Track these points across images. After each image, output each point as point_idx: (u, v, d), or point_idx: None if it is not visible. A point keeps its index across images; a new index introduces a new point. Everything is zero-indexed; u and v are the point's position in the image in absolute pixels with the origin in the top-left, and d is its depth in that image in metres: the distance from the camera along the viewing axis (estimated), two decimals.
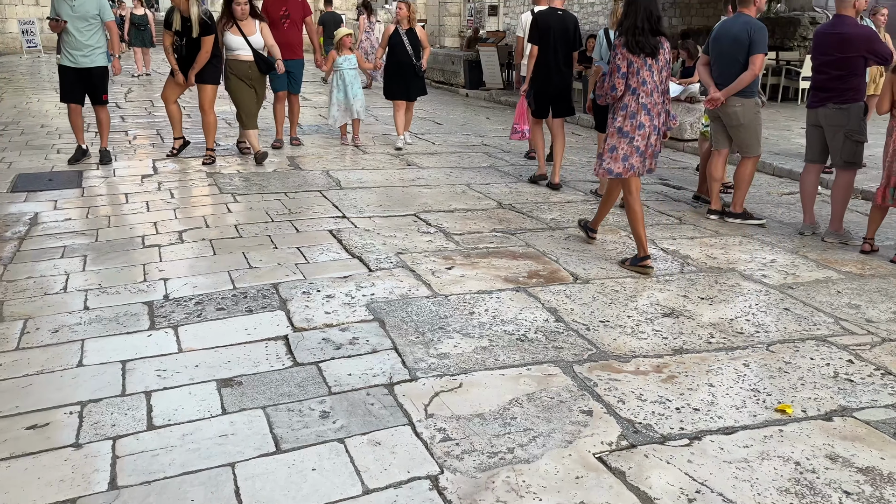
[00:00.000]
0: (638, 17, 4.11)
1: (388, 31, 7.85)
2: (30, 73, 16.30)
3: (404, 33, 7.71)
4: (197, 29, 6.60)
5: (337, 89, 7.87)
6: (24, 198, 5.55)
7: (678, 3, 15.02)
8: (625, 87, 4.16)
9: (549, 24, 6.15)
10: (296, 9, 7.43)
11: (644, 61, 4.13)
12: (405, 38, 7.69)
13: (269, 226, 4.98)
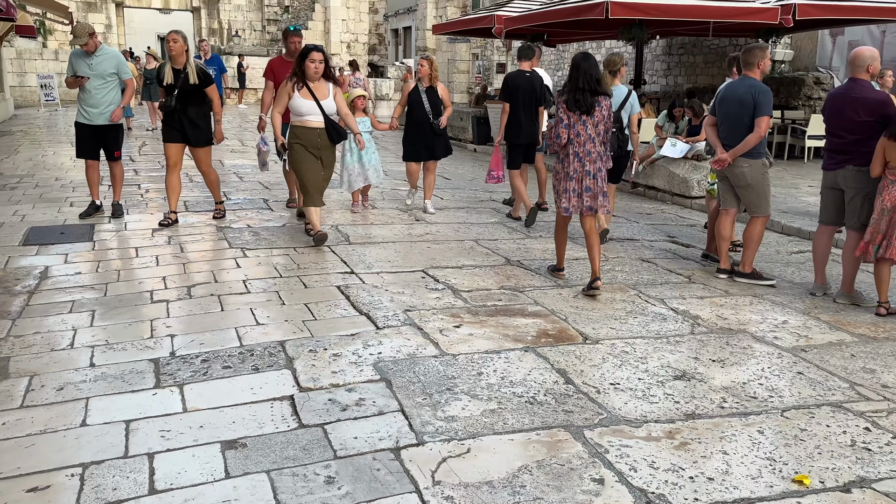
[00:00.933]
0: (580, 80, 4.82)
1: (408, 89, 7.38)
2: (47, 126, 16.64)
3: (424, 91, 7.26)
4: (194, 76, 6.34)
5: (350, 153, 7.21)
6: (36, 251, 5.59)
7: (683, 63, 15.31)
8: (566, 139, 4.89)
9: (517, 84, 7.18)
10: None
11: (579, 117, 4.85)
12: (424, 96, 7.24)
13: (277, 281, 4.98)
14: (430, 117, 7.27)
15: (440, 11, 29.47)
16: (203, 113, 6.57)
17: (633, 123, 6.39)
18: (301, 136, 5.88)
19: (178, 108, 6.40)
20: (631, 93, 6.38)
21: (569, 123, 4.84)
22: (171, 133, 6.54)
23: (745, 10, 9.85)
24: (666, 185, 9.02)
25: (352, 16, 28.63)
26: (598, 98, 4.84)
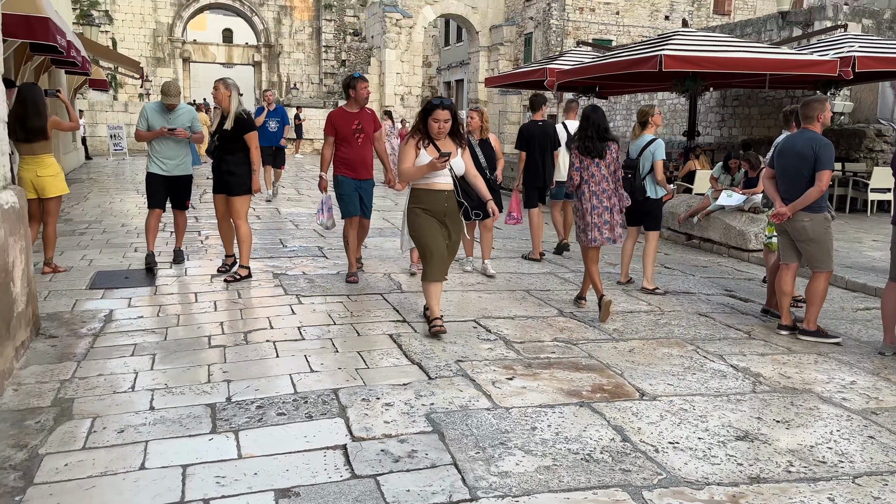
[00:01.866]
0: (589, 129, 5.60)
1: None
2: (114, 174, 17.40)
3: (476, 144, 6.87)
4: (231, 122, 6.25)
5: None
6: (101, 294, 5.79)
7: (738, 115, 15.17)
8: (580, 179, 5.63)
9: (532, 133, 7.82)
10: (368, 122, 6.53)
11: (592, 160, 5.61)
12: (478, 150, 6.84)
13: (330, 328, 5.03)
14: (486, 172, 6.80)
15: (492, 65, 30.04)
16: (241, 161, 6.38)
17: (656, 169, 6.44)
18: (425, 200, 4.97)
19: (219, 156, 6.39)
20: (653, 141, 6.47)
21: (580, 167, 5.65)
22: (216, 183, 6.53)
23: (803, 62, 9.76)
24: (722, 238, 8.85)
25: (406, 69, 29.37)
26: (608, 143, 5.63)
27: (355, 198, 6.48)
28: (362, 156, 6.45)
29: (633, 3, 26.95)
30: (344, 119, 6.43)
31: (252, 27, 35.20)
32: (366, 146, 6.48)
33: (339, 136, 6.39)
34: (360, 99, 6.40)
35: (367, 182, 6.55)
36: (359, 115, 6.44)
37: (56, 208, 6.63)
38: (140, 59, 30.28)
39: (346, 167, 6.43)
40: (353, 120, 6.41)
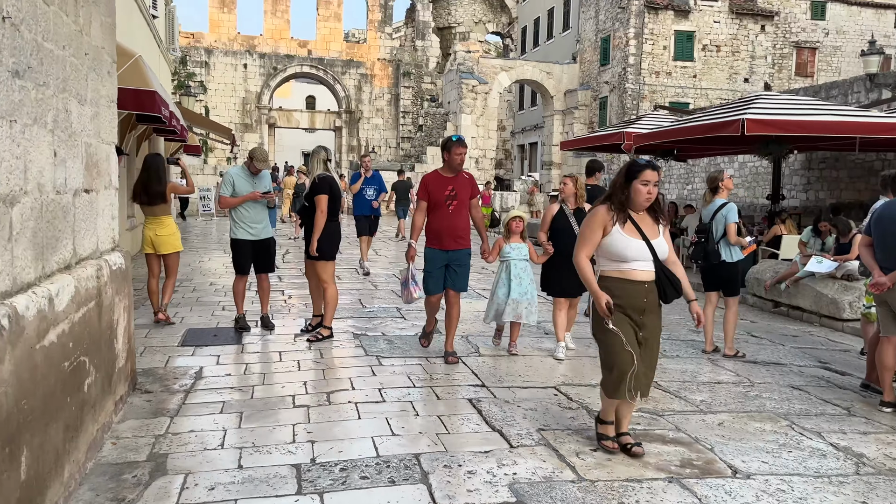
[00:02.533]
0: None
1: (552, 212, 6.36)
2: (203, 233, 18.25)
3: (571, 214, 6.24)
4: (307, 186, 6.54)
5: (501, 284, 6.23)
6: (192, 352, 6.02)
7: (825, 178, 14.71)
8: None
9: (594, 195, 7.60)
10: (463, 188, 5.90)
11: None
12: (573, 220, 6.18)
13: (410, 391, 5.06)
14: None
15: (566, 128, 30.29)
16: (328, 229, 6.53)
17: (729, 232, 6.40)
18: (621, 291, 3.85)
19: (304, 220, 6.65)
20: (725, 205, 6.49)
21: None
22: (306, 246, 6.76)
23: (895, 125, 9.44)
24: (813, 306, 8.48)
25: (481, 133, 29.96)
26: None
27: (439, 274, 5.87)
28: (453, 225, 5.85)
29: (710, 66, 26.83)
30: (439, 184, 5.87)
31: (334, 94, 36.83)
32: (459, 214, 5.89)
33: (430, 202, 5.88)
34: (454, 164, 5.85)
35: (459, 253, 5.90)
36: (453, 181, 5.88)
37: (175, 263, 7.35)
38: (229, 125, 32.08)
39: (434, 238, 5.90)
40: (446, 185, 5.87)
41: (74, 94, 3.72)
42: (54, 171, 3.39)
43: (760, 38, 27.22)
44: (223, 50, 33.62)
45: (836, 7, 28.32)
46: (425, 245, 5.97)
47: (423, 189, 5.92)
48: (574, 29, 31.15)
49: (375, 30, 36.04)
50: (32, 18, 3.06)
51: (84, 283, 3.68)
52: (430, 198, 5.88)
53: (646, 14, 25.98)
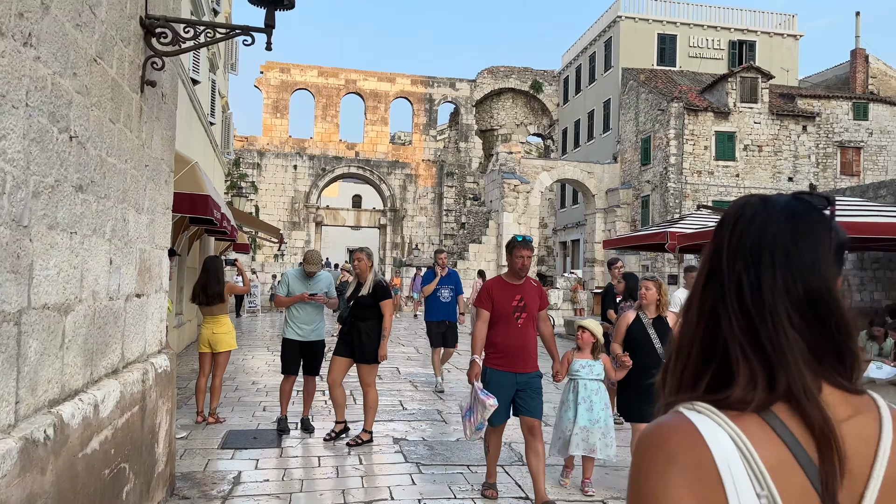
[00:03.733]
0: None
1: (627, 321, 5.46)
2: (248, 330, 18.47)
3: (650, 323, 5.35)
4: (369, 289, 6.45)
5: (567, 407, 5.30)
6: (231, 455, 5.96)
7: (879, 278, 14.31)
8: None
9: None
10: (532, 298, 5.06)
11: None
12: (653, 332, 5.31)
13: (451, 502, 4.88)
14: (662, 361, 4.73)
15: (608, 226, 30.38)
16: (374, 329, 6.46)
17: None
18: None
19: (351, 322, 6.50)
20: None
21: None
22: (340, 346, 6.58)
23: None
24: None
25: (523, 230, 30.21)
26: None
27: (506, 401, 4.87)
28: (523, 341, 4.94)
29: (752, 166, 26.89)
30: (503, 291, 5.01)
31: (379, 193, 37.86)
32: (527, 329, 4.99)
33: (494, 314, 4.96)
34: (516, 268, 4.99)
35: (529, 376, 4.96)
36: (521, 289, 5.04)
37: (225, 361, 7.39)
38: (278, 223, 33.09)
39: (499, 356, 4.93)
40: (513, 294, 4.99)
41: (133, 204, 3.90)
42: (109, 279, 3.50)
43: (803, 137, 27.31)
44: (275, 152, 35.14)
45: (878, 108, 28.39)
46: (485, 364, 4.97)
47: (486, 297, 5.02)
48: (614, 130, 31.78)
49: (420, 133, 37.36)
50: (98, 136, 3.26)
51: (129, 387, 3.72)
52: (495, 308, 4.96)
53: (685, 116, 26.41)
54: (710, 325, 1.00)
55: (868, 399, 0.99)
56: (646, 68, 30.92)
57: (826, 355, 0.97)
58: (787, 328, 0.95)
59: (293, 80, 35.74)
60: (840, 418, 0.93)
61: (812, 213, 1.05)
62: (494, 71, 38.72)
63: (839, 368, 0.97)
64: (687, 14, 32.20)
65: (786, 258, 0.99)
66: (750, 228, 1.03)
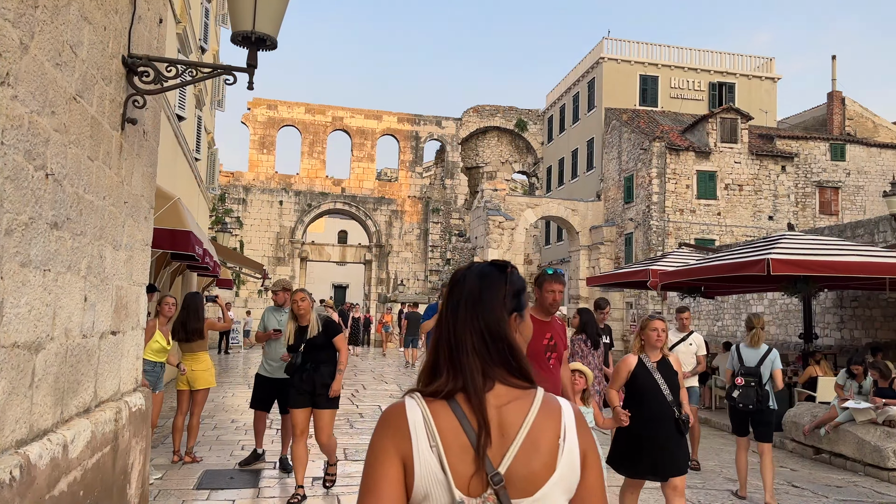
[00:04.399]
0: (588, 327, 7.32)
1: (629, 366, 4.88)
2: (230, 367, 18.26)
3: (655, 368, 4.84)
4: (317, 329, 5.88)
5: None
6: (207, 496, 5.85)
7: (859, 316, 14.44)
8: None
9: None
10: (561, 337, 4.79)
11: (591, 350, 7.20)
12: (658, 376, 4.81)
13: None
14: (673, 411, 4.73)
15: (592, 263, 30.53)
16: (332, 372, 5.90)
17: (778, 379, 6.47)
18: None
19: (309, 367, 5.86)
20: (771, 350, 6.61)
21: (583, 354, 7.05)
22: (299, 397, 5.87)
23: None
24: (855, 454, 8.05)
25: None
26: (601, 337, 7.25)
27: None
28: (554, 387, 4.54)
29: (734, 204, 27.25)
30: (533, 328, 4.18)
31: (365, 229, 37.91)
32: (558, 371, 4.70)
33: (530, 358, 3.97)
34: (545, 304, 4.61)
35: None
36: (550, 327, 4.66)
37: (203, 399, 7.30)
38: (262, 259, 32.97)
39: None
40: (543, 331, 4.58)
41: (110, 241, 3.89)
42: (83, 316, 3.48)
43: (782, 177, 27.77)
44: (261, 188, 35.19)
45: (855, 148, 28.98)
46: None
47: None
48: (598, 168, 32.16)
49: (406, 169, 37.61)
50: (76, 173, 3.27)
51: (101, 427, 3.66)
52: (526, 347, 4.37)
53: (667, 155, 26.81)
54: (436, 351, 1.53)
55: (532, 391, 1.50)
56: (628, 108, 31.45)
57: (498, 365, 1.49)
58: (469, 350, 1.49)
59: (280, 116, 35.99)
60: (502, 403, 1.46)
61: (494, 272, 1.58)
62: (480, 110, 39.23)
63: (510, 373, 1.50)
64: (668, 56, 32.90)
65: (473, 305, 1.53)
66: (458, 287, 1.57)
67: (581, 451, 1.46)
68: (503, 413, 1.45)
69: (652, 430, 4.65)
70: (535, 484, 1.41)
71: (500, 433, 1.43)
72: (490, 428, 1.42)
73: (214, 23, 17.73)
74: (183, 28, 12.14)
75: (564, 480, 1.43)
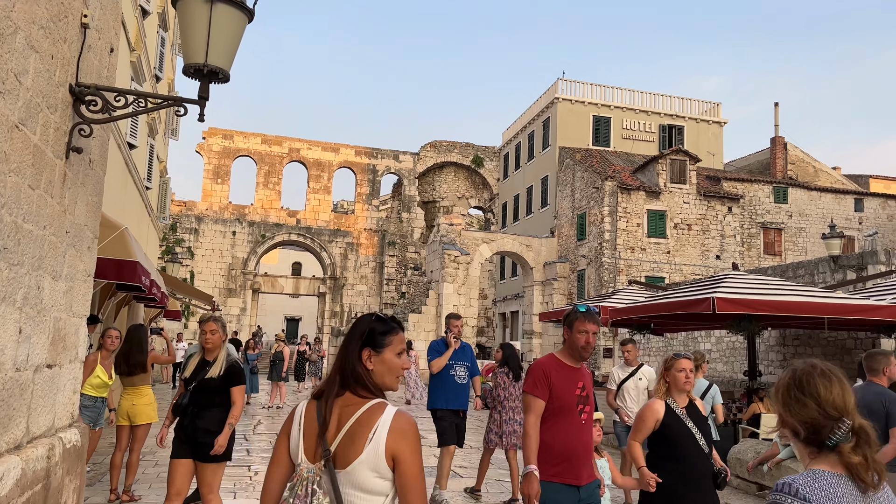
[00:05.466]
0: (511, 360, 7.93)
1: (656, 412, 4.13)
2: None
3: (685, 414, 4.15)
4: (220, 369, 5.13)
5: None
6: None
7: (800, 355, 14.84)
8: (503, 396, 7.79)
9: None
10: (591, 387, 4.07)
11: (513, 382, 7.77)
12: (692, 424, 4.11)
13: None
14: (711, 464, 4.13)
15: (546, 298, 30.83)
16: (221, 419, 5.08)
17: (720, 413, 7.09)
18: None
19: (191, 411, 5.02)
20: (711, 386, 7.23)
21: (505, 386, 7.68)
22: (178, 446, 5.03)
23: (862, 307, 9.72)
24: None
25: (462, 301, 30.36)
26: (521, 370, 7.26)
27: None
28: (587, 443, 3.93)
29: (682, 243, 27.95)
30: (565, 374, 3.90)
31: (320, 261, 37.63)
32: (590, 426, 4.01)
33: (554, 406, 3.83)
34: (577, 346, 3.88)
35: (593, 486, 3.93)
36: (582, 374, 3.99)
37: (143, 435, 7.07)
38: (213, 290, 32.37)
39: (560, 463, 3.79)
40: (576, 379, 3.92)
41: (49, 271, 3.79)
42: (17, 349, 3.37)
43: (728, 218, 28.67)
44: (213, 218, 34.71)
45: (797, 192, 30.16)
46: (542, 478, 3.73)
47: (542, 381, 3.83)
48: (552, 205, 32.70)
49: (363, 202, 37.62)
50: (15, 202, 3.19)
51: (33, 464, 3.53)
52: (555, 398, 3.81)
53: (619, 194, 27.45)
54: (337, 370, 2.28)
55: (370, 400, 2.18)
56: (582, 148, 32.17)
57: (350, 380, 2.21)
58: (336, 370, 2.25)
59: (236, 146, 35.73)
60: (345, 405, 2.18)
61: (360, 320, 2.31)
62: (437, 145, 39.63)
63: (359, 386, 2.20)
64: (620, 98, 33.88)
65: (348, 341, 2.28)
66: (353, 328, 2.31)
67: (389, 449, 2.08)
68: (343, 412, 2.16)
69: (692, 488, 3.95)
70: (348, 460, 2.09)
71: (337, 424, 2.14)
72: (329, 420, 2.15)
73: (170, 51, 17.63)
74: (137, 56, 12.04)
75: (368, 461, 2.08)
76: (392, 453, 2.06)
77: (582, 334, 3.86)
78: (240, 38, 4.12)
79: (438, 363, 7.32)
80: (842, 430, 1.77)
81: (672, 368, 4.20)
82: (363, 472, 2.05)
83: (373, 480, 2.06)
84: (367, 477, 2.06)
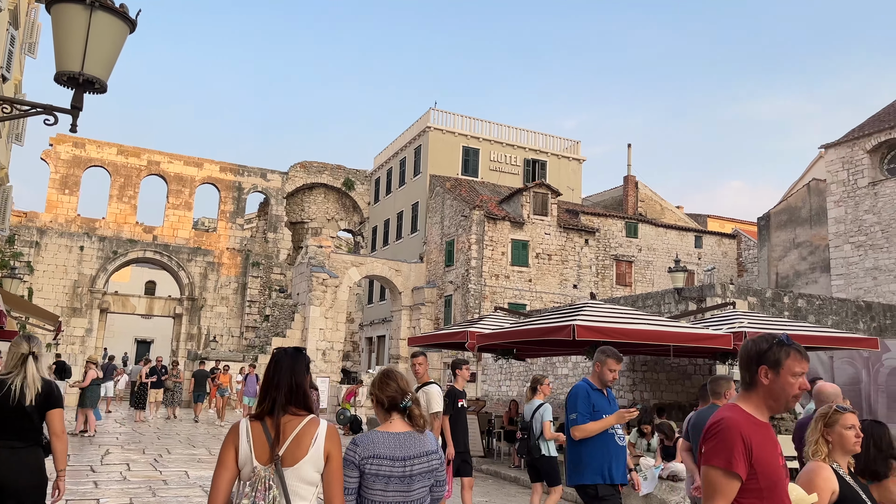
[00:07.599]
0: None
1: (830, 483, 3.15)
2: None
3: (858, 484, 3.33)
4: (33, 392, 3.96)
5: None
6: None
7: (648, 380, 15.93)
8: None
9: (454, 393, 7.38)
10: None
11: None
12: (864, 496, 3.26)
13: None
14: None
15: (413, 323, 31.09)
16: (35, 455, 3.98)
17: (546, 430, 7.27)
18: None
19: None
20: (542, 405, 7.49)
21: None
22: None
23: (701, 336, 10.64)
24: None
25: (329, 325, 29.97)
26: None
27: None
28: None
29: (543, 272, 29.27)
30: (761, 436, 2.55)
31: (177, 281, 35.77)
32: None
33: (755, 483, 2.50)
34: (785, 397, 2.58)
35: None
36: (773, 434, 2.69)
37: None
38: (55, 309, 29.83)
39: None
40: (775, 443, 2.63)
41: None
42: None
43: (585, 250, 30.42)
44: (58, 231, 32.14)
45: (645, 227, 32.56)
46: None
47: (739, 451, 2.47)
48: (421, 231, 33.17)
49: (227, 220, 36.29)
50: None
51: None
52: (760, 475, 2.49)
53: (486, 223, 28.38)
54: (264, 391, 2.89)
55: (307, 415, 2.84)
56: (451, 176, 32.99)
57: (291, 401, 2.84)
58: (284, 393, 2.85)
59: (88, 156, 33.44)
60: (288, 420, 2.80)
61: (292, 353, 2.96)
62: (307, 165, 39.11)
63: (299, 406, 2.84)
64: (488, 131, 35.15)
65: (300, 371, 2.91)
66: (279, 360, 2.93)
67: (326, 449, 2.78)
68: (288, 425, 2.78)
69: None
70: (295, 460, 2.73)
71: (284, 435, 2.75)
72: (280, 431, 2.75)
73: (20, 51, 16.33)
74: None
75: (312, 460, 2.75)
76: (327, 453, 2.76)
77: (796, 378, 2.56)
78: (120, 48, 3.97)
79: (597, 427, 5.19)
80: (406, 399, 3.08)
81: (836, 424, 3.26)
82: (306, 468, 2.71)
83: (312, 474, 2.73)
84: (308, 471, 2.73)
